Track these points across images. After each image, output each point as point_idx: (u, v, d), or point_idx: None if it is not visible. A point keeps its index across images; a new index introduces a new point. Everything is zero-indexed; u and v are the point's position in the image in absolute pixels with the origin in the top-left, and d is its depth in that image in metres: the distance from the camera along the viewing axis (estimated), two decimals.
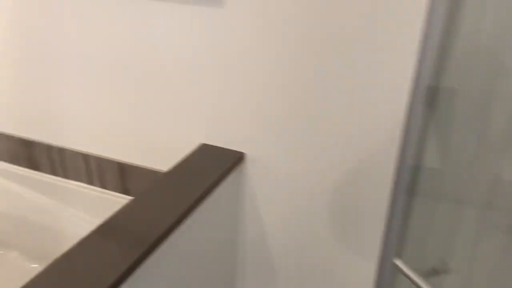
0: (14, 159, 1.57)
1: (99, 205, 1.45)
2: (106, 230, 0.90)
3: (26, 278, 0.76)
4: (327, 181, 1.14)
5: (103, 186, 1.44)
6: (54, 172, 1.51)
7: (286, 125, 1.13)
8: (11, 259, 1.65)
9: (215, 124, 1.21)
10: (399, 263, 0.76)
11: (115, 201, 1.41)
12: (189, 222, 1.02)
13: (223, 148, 1.23)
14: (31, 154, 1.52)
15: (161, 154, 1.31)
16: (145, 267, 0.88)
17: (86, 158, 1.42)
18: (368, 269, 1.19)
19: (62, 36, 1.29)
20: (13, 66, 1.41)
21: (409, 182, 0.74)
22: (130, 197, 1.39)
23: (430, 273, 0.79)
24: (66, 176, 1.49)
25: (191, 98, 1.20)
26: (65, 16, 1.25)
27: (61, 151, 1.45)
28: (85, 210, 1.48)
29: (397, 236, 0.74)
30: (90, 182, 1.45)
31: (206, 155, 1.20)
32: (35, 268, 1.59)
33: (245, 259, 1.35)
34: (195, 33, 1.12)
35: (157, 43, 1.17)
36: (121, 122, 1.32)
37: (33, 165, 1.54)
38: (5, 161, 1.59)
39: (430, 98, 0.71)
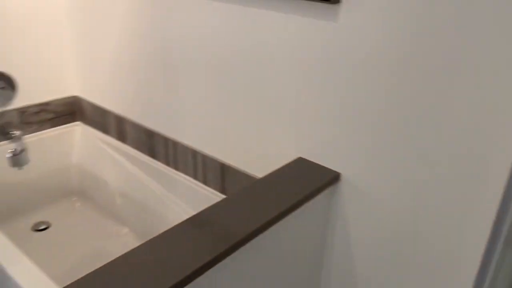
0: (138, 146, 1.77)
1: (199, 198, 1.54)
2: (197, 222, 0.96)
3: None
4: (426, 222, 1.04)
5: (205, 182, 1.53)
6: (167, 163, 1.66)
7: (389, 151, 1.06)
8: (122, 234, 1.86)
9: (314, 140, 1.20)
10: None
11: (212, 198, 1.49)
12: (273, 230, 1.03)
13: (319, 165, 1.21)
14: (151, 144, 1.70)
15: (259, 161, 1.35)
16: (225, 263, 0.92)
17: (194, 154, 1.53)
18: None
19: (183, 40, 1.42)
20: (144, 65, 1.59)
21: None
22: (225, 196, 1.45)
23: None
24: (176, 167, 1.63)
25: (294, 111, 1.21)
26: (188, 24, 1.38)
27: (175, 144, 1.59)
28: (186, 201, 1.59)
29: None
30: (195, 176, 1.56)
31: (301, 169, 1.20)
32: None
33: (329, 279, 1.30)
34: (305, 46, 1.13)
35: (267, 53, 1.22)
36: (228, 125, 1.40)
37: (152, 154, 1.71)
38: (132, 147, 1.80)
39: None
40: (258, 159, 1.35)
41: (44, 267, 1.63)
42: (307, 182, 1.14)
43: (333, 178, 1.17)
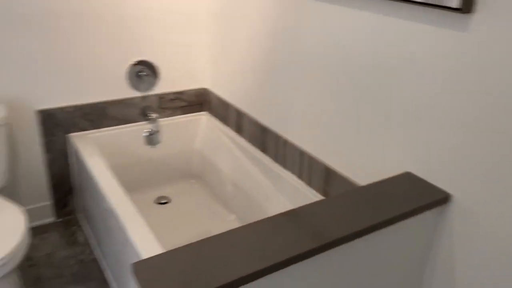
0: (252, 140, 1.87)
1: (301, 198, 1.58)
2: (294, 216, 1.00)
3: None
4: None
5: (308, 183, 1.56)
6: (276, 159, 1.72)
7: None
8: (229, 220, 1.99)
9: (426, 157, 1.14)
10: None
11: (314, 199, 1.51)
12: (368, 238, 1.02)
13: (428, 183, 1.15)
14: (264, 139, 1.78)
15: (366, 170, 1.32)
16: (313, 261, 0.94)
17: (302, 154, 1.57)
18: None
19: (305, 43, 1.45)
20: (265, 65, 1.67)
21: None
22: None
23: None
24: (283, 165, 1.68)
25: (410, 123, 1.16)
26: (311, 28, 1.40)
27: (285, 143, 1.65)
28: (289, 198, 1.64)
29: None
30: (300, 176, 1.60)
31: (407, 184, 1.15)
32: None
33: None
34: (431, 56, 1.07)
35: (389, 61, 1.18)
36: (339, 130, 1.40)
37: (263, 149, 1.80)
38: (247, 140, 1.91)
39: None
40: (365, 168, 1.33)
41: (159, 236, 1.84)
42: (412, 197, 1.09)
43: (442, 198, 1.10)
